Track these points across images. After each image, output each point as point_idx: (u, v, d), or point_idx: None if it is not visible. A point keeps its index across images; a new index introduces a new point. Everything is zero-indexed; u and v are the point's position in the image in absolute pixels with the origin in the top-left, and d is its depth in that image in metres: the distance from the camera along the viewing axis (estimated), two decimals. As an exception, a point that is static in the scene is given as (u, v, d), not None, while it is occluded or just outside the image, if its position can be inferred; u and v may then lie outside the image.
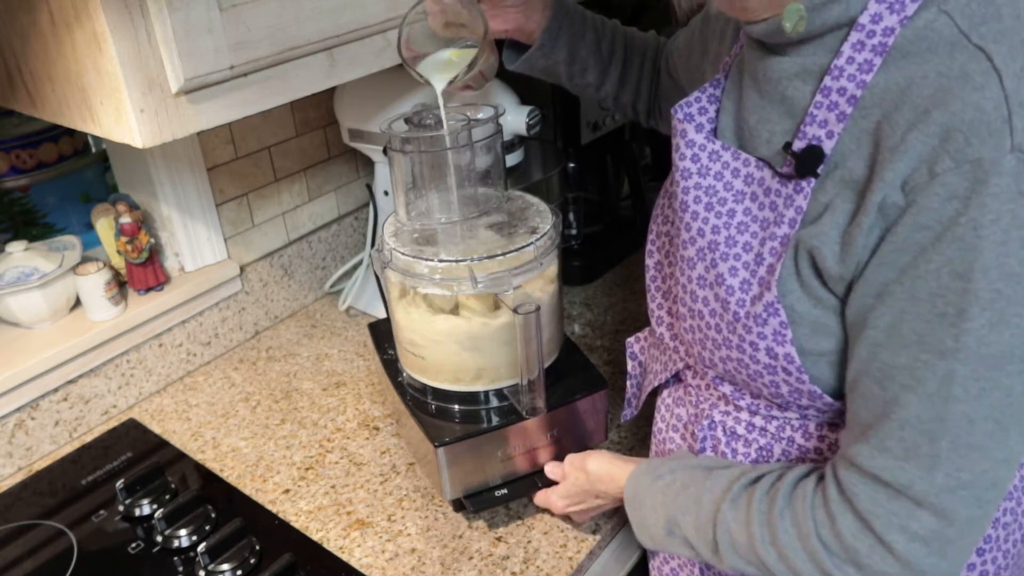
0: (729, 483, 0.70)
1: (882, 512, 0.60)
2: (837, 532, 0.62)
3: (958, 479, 0.58)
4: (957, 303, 0.55)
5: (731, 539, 0.68)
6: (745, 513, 0.67)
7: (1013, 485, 0.73)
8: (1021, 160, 0.53)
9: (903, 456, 0.59)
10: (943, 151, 0.55)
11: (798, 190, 0.64)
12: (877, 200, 0.58)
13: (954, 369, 0.56)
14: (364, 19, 0.89)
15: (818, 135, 0.62)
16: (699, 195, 0.71)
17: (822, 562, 0.62)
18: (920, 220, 0.56)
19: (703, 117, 0.74)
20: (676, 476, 0.74)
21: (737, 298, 0.69)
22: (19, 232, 1.24)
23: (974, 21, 0.57)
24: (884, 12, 0.59)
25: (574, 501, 0.90)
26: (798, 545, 0.64)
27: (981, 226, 0.54)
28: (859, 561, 0.61)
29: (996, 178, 0.53)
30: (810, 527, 0.63)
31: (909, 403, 0.58)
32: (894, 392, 0.59)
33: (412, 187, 0.93)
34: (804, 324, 0.65)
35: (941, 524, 0.59)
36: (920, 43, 0.58)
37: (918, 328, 0.57)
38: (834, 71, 0.61)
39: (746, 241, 0.69)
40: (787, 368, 0.67)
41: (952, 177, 0.55)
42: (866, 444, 0.61)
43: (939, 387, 0.57)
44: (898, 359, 0.59)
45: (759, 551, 0.66)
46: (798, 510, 0.64)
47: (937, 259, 0.56)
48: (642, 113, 1.05)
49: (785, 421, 0.75)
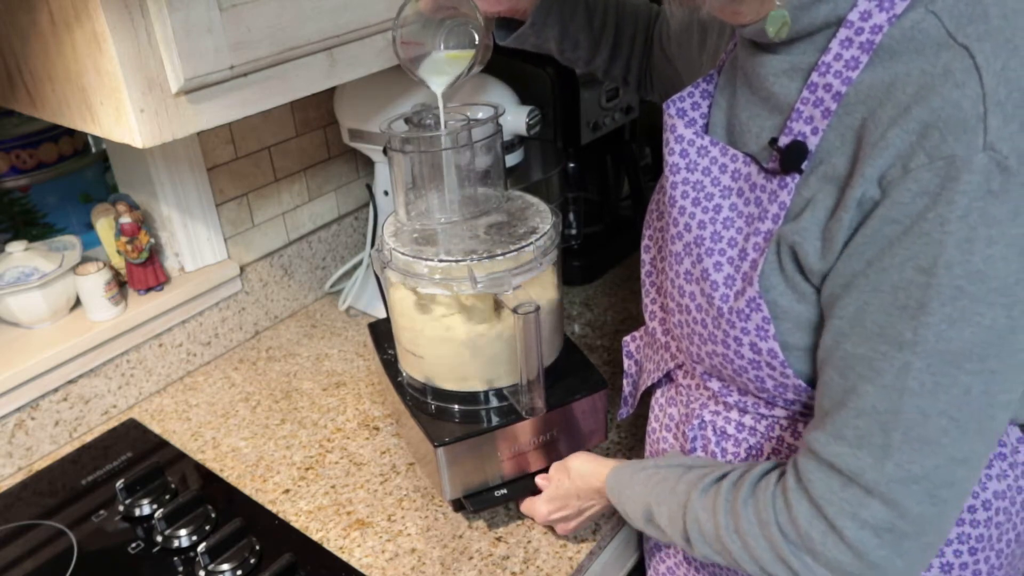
0: (702, 475, 0.71)
1: (835, 499, 0.60)
2: (793, 519, 0.62)
3: (908, 471, 0.58)
4: (918, 297, 0.56)
5: (699, 528, 0.68)
6: (712, 502, 0.68)
7: (1007, 484, 0.73)
8: (993, 159, 0.53)
9: (856, 444, 0.60)
10: (919, 147, 0.55)
11: (782, 186, 0.64)
12: (857, 196, 0.58)
13: (910, 362, 0.57)
14: (364, 19, 0.89)
15: (803, 131, 0.63)
16: (687, 190, 0.72)
17: (780, 549, 0.63)
18: (890, 214, 0.57)
19: (695, 112, 0.74)
20: (659, 470, 0.75)
21: (721, 293, 0.69)
22: (19, 232, 1.24)
23: (961, 21, 0.57)
24: (873, 9, 0.59)
25: (557, 507, 0.89)
26: (759, 532, 0.64)
27: (948, 222, 0.54)
28: (813, 548, 0.62)
29: (967, 175, 0.54)
30: (770, 514, 0.64)
31: (866, 393, 0.59)
32: (852, 381, 0.60)
33: (412, 187, 0.93)
34: (787, 319, 0.66)
35: (891, 515, 0.59)
36: (907, 43, 0.58)
37: (879, 320, 0.58)
38: (821, 67, 0.62)
39: (731, 236, 0.69)
40: (771, 363, 0.68)
41: (925, 173, 0.55)
42: (823, 431, 0.62)
43: (895, 379, 0.57)
44: (859, 349, 0.59)
45: (724, 539, 0.66)
46: (760, 499, 0.65)
47: (902, 252, 0.56)
48: (632, 83, 1.05)
49: (775, 421, 0.75)
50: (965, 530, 0.72)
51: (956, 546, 0.72)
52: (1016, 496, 0.74)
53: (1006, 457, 0.73)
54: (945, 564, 0.73)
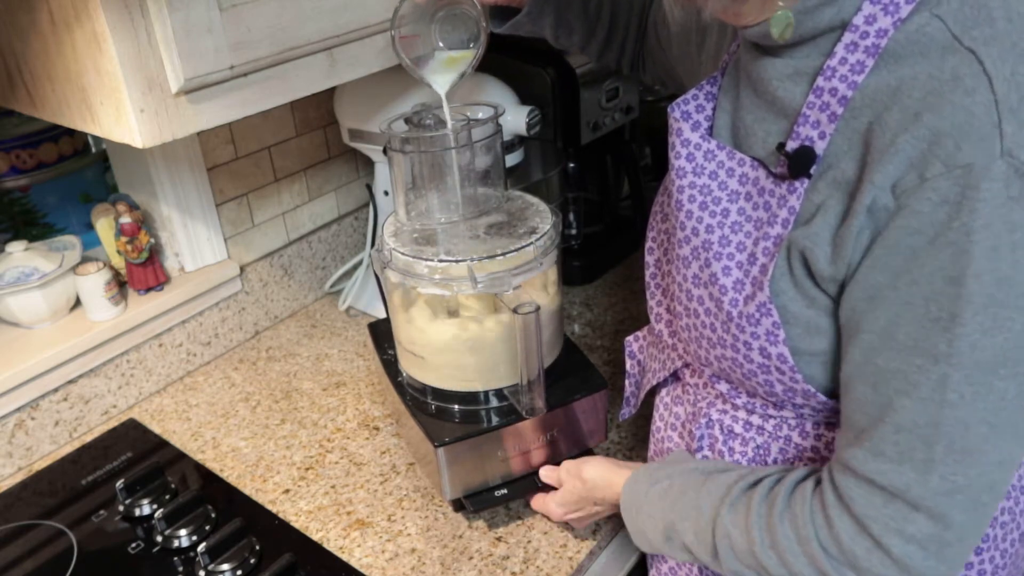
0: (728, 487, 0.69)
1: (878, 515, 0.60)
2: (835, 536, 0.62)
3: (953, 483, 0.58)
4: (950, 308, 0.55)
5: (731, 544, 0.68)
6: (744, 517, 0.67)
7: (1011, 485, 0.73)
8: (1011, 165, 0.53)
9: (898, 460, 0.59)
10: (933, 156, 0.55)
11: (791, 190, 0.64)
12: (867, 202, 0.58)
13: (948, 374, 0.56)
14: (364, 19, 0.89)
15: (810, 136, 0.62)
16: (694, 194, 0.71)
17: (822, 565, 0.62)
18: (912, 224, 0.56)
19: (700, 115, 0.74)
20: (673, 481, 0.74)
21: (730, 298, 0.69)
22: (19, 232, 1.24)
23: (966, 25, 0.57)
24: (878, 13, 0.59)
25: (572, 508, 0.89)
26: (798, 549, 0.64)
27: (973, 231, 0.54)
28: (857, 564, 0.61)
29: (987, 183, 0.54)
30: (809, 531, 0.63)
31: (904, 407, 0.58)
32: (888, 396, 0.59)
33: (412, 187, 0.93)
34: (797, 324, 0.65)
35: (938, 528, 0.59)
36: (912, 47, 0.58)
37: (912, 333, 0.57)
38: (827, 71, 0.61)
39: (740, 241, 0.69)
40: (780, 368, 0.68)
41: (943, 182, 0.55)
42: (861, 448, 0.61)
43: (933, 391, 0.57)
44: (892, 363, 0.59)
45: (759, 555, 0.65)
46: (797, 514, 0.64)
47: (930, 264, 0.56)
48: (625, 66, 1.05)
49: (782, 420, 0.75)
50: None
51: None
52: (1020, 496, 0.74)
53: None
54: None
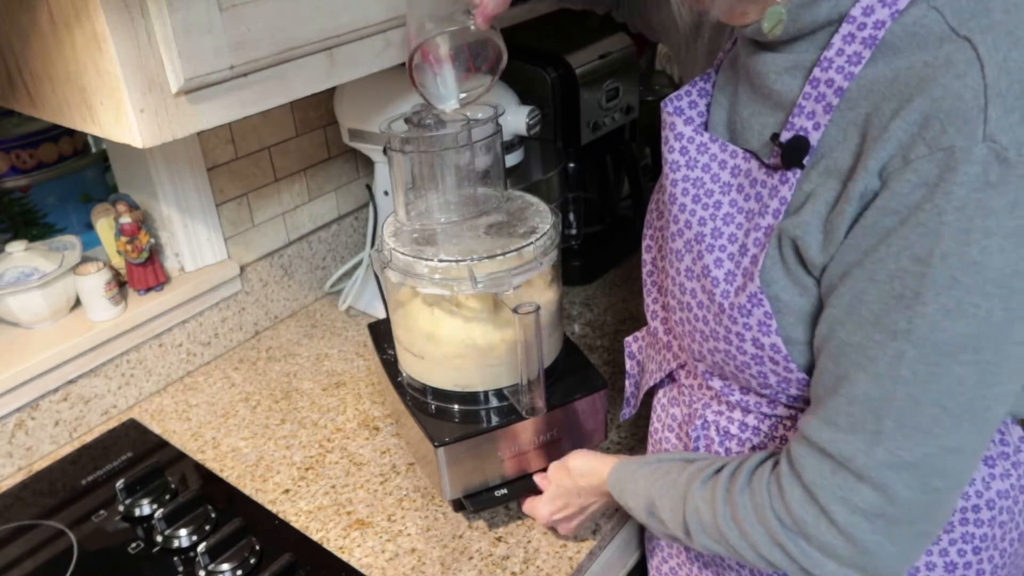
0: (702, 467, 0.71)
1: (826, 483, 0.61)
2: (787, 503, 0.63)
3: (899, 457, 0.58)
4: (914, 286, 0.56)
5: (699, 518, 0.69)
6: (711, 492, 0.68)
7: (1010, 484, 0.73)
8: (992, 150, 0.53)
9: (848, 429, 0.60)
10: (920, 138, 0.55)
11: (783, 181, 0.64)
12: (860, 188, 0.58)
13: (904, 350, 0.57)
14: (364, 19, 0.89)
15: (805, 126, 0.63)
16: (687, 187, 0.72)
17: (776, 534, 0.63)
18: (889, 204, 0.57)
19: (693, 111, 0.75)
20: (661, 464, 0.76)
21: (722, 289, 0.69)
22: (19, 232, 1.24)
23: (963, 16, 0.57)
24: (876, 5, 0.59)
25: (559, 506, 0.89)
26: (754, 518, 0.65)
27: (945, 212, 0.54)
28: (807, 532, 0.62)
29: (966, 166, 0.54)
30: (764, 499, 0.64)
31: (859, 380, 0.59)
32: (845, 368, 0.60)
33: (412, 187, 0.93)
34: (790, 313, 0.66)
35: (881, 500, 0.59)
36: (910, 39, 0.58)
37: (874, 308, 0.58)
38: (823, 63, 0.62)
39: (731, 232, 0.69)
40: (774, 358, 0.68)
41: (924, 163, 0.55)
42: (815, 417, 0.62)
43: (888, 367, 0.58)
44: (853, 337, 0.60)
45: (721, 527, 0.67)
46: (755, 486, 0.65)
47: (899, 242, 0.56)
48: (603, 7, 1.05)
49: (778, 420, 0.75)
50: (969, 529, 0.72)
51: (960, 545, 0.72)
52: (1020, 496, 0.74)
53: (1009, 456, 0.73)
54: (949, 563, 0.73)
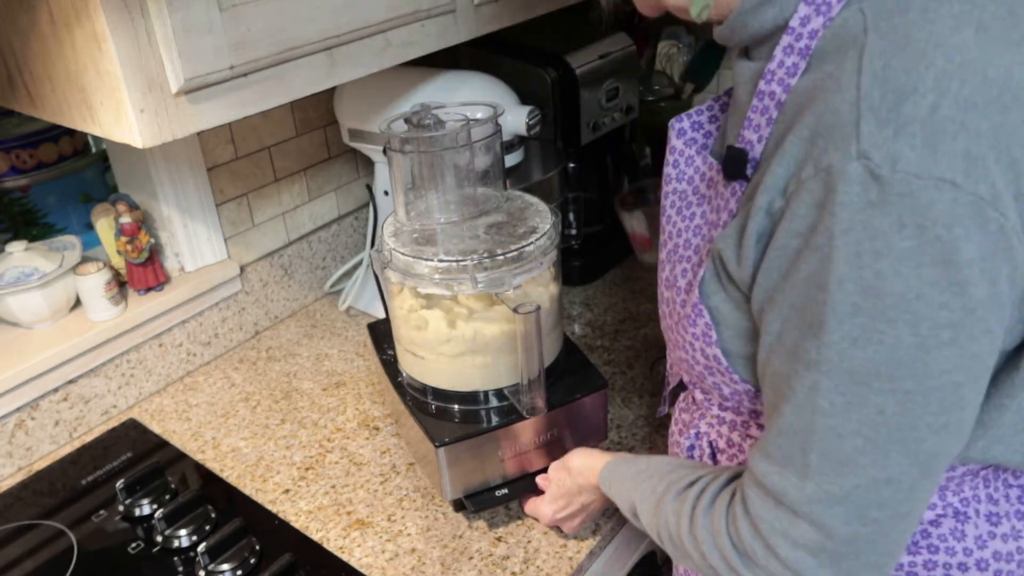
0: (679, 478, 0.70)
1: (768, 517, 0.60)
2: (738, 532, 0.62)
3: (827, 491, 0.56)
4: (818, 314, 0.54)
5: (668, 530, 0.69)
6: (680, 506, 0.68)
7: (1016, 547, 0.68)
8: (866, 168, 0.50)
9: (781, 462, 0.59)
10: (809, 156, 0.54)
11: (733, 193, 0.64)
12: (763, 204, 0.57)
13: (818, 381, 0.55)
14: (364, 19, 0.89)
15: (751, 139, 0.62)
16: (674, 199, 0.73)
17: (731, 560, 0.63)
18: (791, 226, 0.55)
19: (696, 132, 0.74)
20: (650, 466, 0.76)
21: (681, 299, 0.70)
22: (19, 232, 1.24)
23: (882, 14, 0.54)
24: (812, 14, 0.57)
25: (561, 506, 0.90)
26: (712, 542, 0.64)
27: (834, 236, 0.52)
28: (756, 562, 0.61)
29: (843, 186, 0.51)
30: (721, 525, 0.64)
31: (784, 411, 0.58)
32: (774, 399, 0.59)
33: (412, 187, 0.93)
34: (728, 326, 0.66)
35: (819, 536, 0.57)
36: (834, 41, 0.56)
37: (793, 336, 0.57)
38: (767, 75, 0.60)
39: (697, 243, 0.70)
40: (719, 369, 0.68)
41: (813, 184, 0.53)
42: (757, 447, 0.62)
43: (806, 398, 0.56)
44: (781, 366, 0.58)
45: (686, 544, 0.67)
46: (716, 509, 0.65)
47: (803, 268, 0.55)
48: None
49: (755, 441, 0.75)
50: None
51: None
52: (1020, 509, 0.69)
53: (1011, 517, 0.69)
54: None
